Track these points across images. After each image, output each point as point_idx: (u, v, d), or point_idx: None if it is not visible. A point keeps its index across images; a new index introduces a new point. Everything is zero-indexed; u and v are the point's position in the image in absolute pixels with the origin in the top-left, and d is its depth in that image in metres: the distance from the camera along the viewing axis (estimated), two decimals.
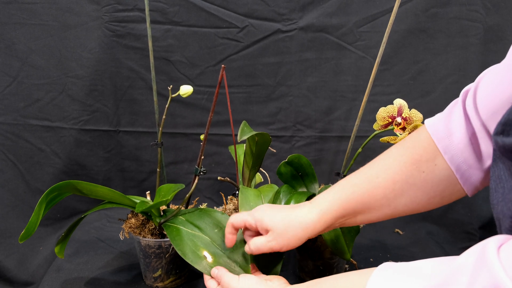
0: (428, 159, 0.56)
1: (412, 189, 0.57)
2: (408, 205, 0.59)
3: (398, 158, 0.59)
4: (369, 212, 0.60)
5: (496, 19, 1.07)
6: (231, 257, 0.71)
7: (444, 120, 0.56)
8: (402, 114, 0.77)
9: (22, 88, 1.09)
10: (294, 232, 0.60)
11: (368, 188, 0.59)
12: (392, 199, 0.58)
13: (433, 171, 0.56)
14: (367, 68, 1.13)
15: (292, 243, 0.61)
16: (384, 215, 0.60)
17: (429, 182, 0.56)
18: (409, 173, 0.57)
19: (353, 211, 0.60)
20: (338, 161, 1.20)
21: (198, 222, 0.78)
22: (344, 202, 0.60)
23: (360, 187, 0.60)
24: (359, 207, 0.60)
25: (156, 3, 1.08)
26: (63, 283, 0.88)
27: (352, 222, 0.62)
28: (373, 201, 0.59)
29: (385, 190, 0.58)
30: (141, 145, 1.19)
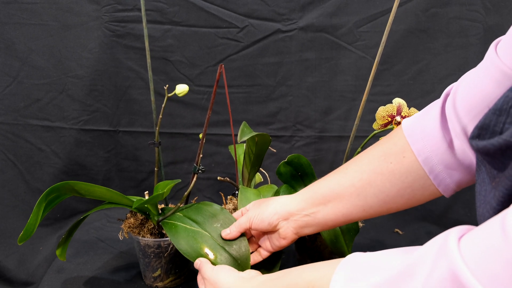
0: (397, 152, 0.58)
1: (379, 179, 0.58)
2: (378, 195, 0.59)
3: (369, 152, 0.61)
4: (339, 201, 0.62)
5: (496, 19, 1.07)
6: (231, 253, 0.71)
7: (420, 122, 0.57)
8: (401, 113, 0.77)
9: (22, 88, 1.09)
10: (266, 206, 0.68)
11: (336, 177, 0.63)
12: (360, 188, 0.60)
13: (401, 162, 0.57)
14: (366, 68, 1.13)
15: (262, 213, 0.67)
16: (355, 207, 0.61)
17: (397, 173, 0.57)
18: (376, 163, 0.59)
19: (322, 197, 0.63)
20: (337, 161, 1.20)
21: (196, 217, 0.77)
22: (315, 187, 0.65)
23: (330, 176, 0.64)
24: (327, 194, 0.62)
25: (156, 3, 1.09)
26: (63, 283, 0.89)
27: (324, 213, 0.63)
28: (341, 189, 0.61)
29: (352, 179, 0.60)
30: (141, 145, 1.19)
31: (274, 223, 0.66)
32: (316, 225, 0.65)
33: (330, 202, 0.62)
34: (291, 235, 0.67)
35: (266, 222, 0.66)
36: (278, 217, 0.66)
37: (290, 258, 1.01)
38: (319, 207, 0.63)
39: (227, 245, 0.71)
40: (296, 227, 0.66)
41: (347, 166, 0.63)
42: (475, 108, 0.50)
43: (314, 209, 0.64)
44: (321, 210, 0.63)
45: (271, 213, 0.66)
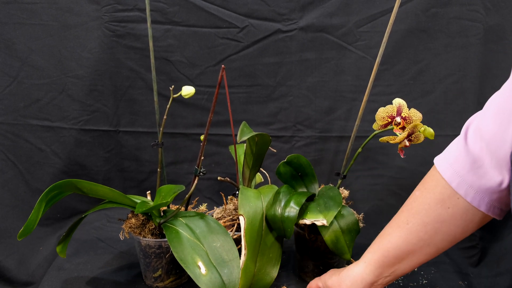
0: (450, 195, 0.59)
1: (444, 226, 0.61)
2: (446, 239, 0.62)
3: (423, 200, 0.63)
4: (413, 256, 0.64)
5: (496, 19, 1.07)
6: (222, 276, 0.71)
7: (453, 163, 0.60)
8: (401, 114, 0.77)
9: (22, 88, 1.09)
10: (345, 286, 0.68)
11: (401, 235, 0.64)
12: (428, 240, 0.62)
13: (458, 204, 0.59)
14: (367, 68, 1.13)
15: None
16: (429, 255, 0.64)
17: (458, 215, 0.60)
18: (436, 213, 0.61)
19: (395, 258, 0.65)
20: (338, 161, 1.20)
21: (198, 229, 0.78)
22: (384, 251, 0.66)
23: (393, 235, 0.65)
24: (399, 254, 0.64)
25: (156, 3, 1.08)
26: (63, 283, 0.89)
27: (402, 269, 0.66)
28: (410, 246, 0.63)
29: (418, 234, 0.62)
30: (141, 145, 1.19)
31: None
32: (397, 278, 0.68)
33: (404, 260, 0.65)
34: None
35: None
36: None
37: (291, 259, 1.01)
38: (395, 266, 0.66)
39: (220, 267, 0.73)
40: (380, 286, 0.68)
41: (407, 219, 0.64)
42: None
43: (393, 269, 0.66)
44: (398, 268, 0.66)
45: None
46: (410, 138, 0.77)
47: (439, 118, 1.14)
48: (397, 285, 0.91)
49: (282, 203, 0.81)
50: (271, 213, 0.80)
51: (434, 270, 0.97)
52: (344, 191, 0.95)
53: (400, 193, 1.19)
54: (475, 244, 1.03)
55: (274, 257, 0.81)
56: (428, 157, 1.16)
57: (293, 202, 0.79)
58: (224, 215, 0.94)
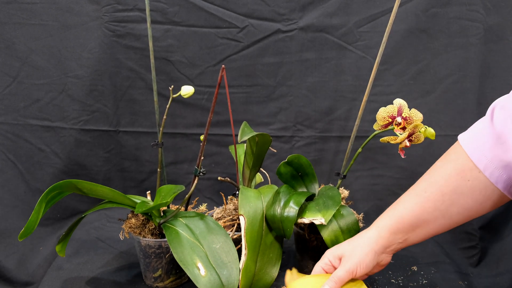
0: (471, 168, 0.60)
1: (461, 198, 0.61)
2: (462, 212, 0.62)
3: (443, 171, 0.63)
4: (426, 225, 0.64)
5: (496, 19, 1.07)
6: (221, 278, 0.71)
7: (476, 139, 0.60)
8: (402, 114, 0.77)
9: (22, 88, 1.09)
10: (360, 249, 0.67)
11: (418, 202, 0.65)
12: (444, 210, 0.63)
13: (477, 178, 0.60)
14: (367, 68, 1.13)
15: (363, 260, 0.66)
16: (442, 226, 0.64)
17: (476, 189, 0.60)
18: (455, 184, 0.61)
19: (409, 225, 0.65)
20: (338, 161, 1.20)
21: (198, 230, 0.78)
22: (399, 218, 0.66)
23: (410, 202, 0.66)
24: (414, 221, 0.65)
25: (156, 3, 1.08)
26: (63, 283, 0.88)
27: (414, 237, 0.66)
28: (425, 214, 0.64)
29: (435, 203, 0.63)
30: (141, 145, 1.19)
31: (376, 261, 0.68)
32: (408, 245, 0.68)
33: (418, 228, 0.65)
34: (389, 259, 0.70)
35: (371, 266, 0.67)
36: (378, 256, 0.67)
37: (291, 259, 1.01)
38: (408, 234, 0.66)
39: (219, 269, 0.73)
40: (391, 254, 0.69)
41: (425, 188, 0.65)
42: None
43: (405, 236, 0.66)
44: (411, 236, 0.66)
45: (372, 256, 0.67)
46: (411, 139, 0.77)
47: (439, 118, 1.14)
48: (397, 285, 0.91)
49: (281, 203, 0.81)
50: (271, 213, 0.80)
51: (434, 270, 0.97)
52: (344, 191, 0.95)
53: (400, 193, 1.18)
54: (475, 244, 1.03)
55: (274, 257, 0.81)
56: (428, 157, 1.17)
57: (292, 202, 0.79)
58: (224, 215, 0.94)
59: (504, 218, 0.97)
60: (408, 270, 0.97)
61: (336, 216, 0.82)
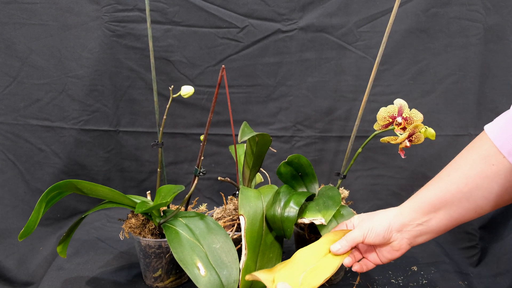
0: (495, 153, 0.60)
1: (485, 181, 0.61)
2: (487, 196, 0.62)
3: (466, 156, 0.64)
4: (449, 207, 0.63)
5: (496, 19, 1.07)
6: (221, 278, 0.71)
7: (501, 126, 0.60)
8: (402, 114, 0.77)
9: (22, 88, 1.09)
10: (377, 218, 0.68)
11: (441, 184, 0.64)
12: (468, 193, 0.62)
13: (502, 163, 0.60)
14: (367, 68, 1.13)
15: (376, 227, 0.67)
16: (467, 211, 0.63)
17: (501, 174, 0.60)
18: (479, 168, 0.61)
19: (430, 205, 0.64)
20: (338, 161, 1.20)
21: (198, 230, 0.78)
22: (421, 198, 0.66)
23: (433, 185, 0.66)
24: (435, 202, 0.64)
25: (156, 3, 1.08)
26: (63, 283, 0.89)
27: (438, 220, 0.65)
28: (448, 195, 0.63)
29: (458, 185, 0.63)
30: (141, 145, 1.19)
31: (388, 235, 0.67)
32: (430, 232, 0.66)
33: (440, 210, 0.64)
34: (405, 246, 0.68)
35: (381, 236, 0.66)
36: (391, 230, 0.66)
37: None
38: (430, 215, 0.65)
39: (219, 268, 0.73)
40: (410, 237, 0.67)
41: (448, 172, 0.65)
42: None
43: (426, 217, 0.65)
44: (433, 217, 0.65)
45: (385, 226, 0.66)
46: (411, 139, 0.77)
47: (439, 118, 1.14)
48: (397, 285, 0.91)
49: (281, 203, 0.81)
50: (271, 213, 0.80)
51: (434, 270, 0.97)
52: (344, 191, 0.95)
53: (400, 193, 1.19)
54: (475, 244, 1.03)
55: (274, 257, 0.81)
56: (428, 157, 1.17)
57: (292, 202, 0.79)
58: (224, 215, 0.94)
59: (504, 218, 0.97)
60: (408, 270, 0.97)
61: (336, 216, 0.82)
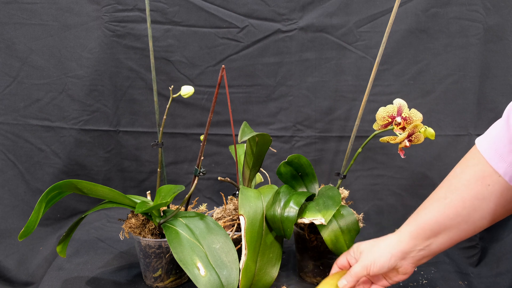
0: (490, 173, 0.59)
1: (483, 203, 0.61)
2: (485, 217, 0.62)
3: (462, 176, 0.63)
4: (449, 231, 0.64)
5: (496, 19, 1.07)
6: (221, 278, 0.71)
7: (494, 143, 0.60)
8: (402, 114, 0.77)
9: (22, 88, 1.09)
10: (378, 249, 0.68)
11: (439, 209, 0.64)
12: (467, 216, 0.62)
13: (498, 183, 0.59)
14: (367, 68, 1.13)
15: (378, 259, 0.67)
16: (466, 232, 0.64)
17: (498, 193, 0.60)
18: (475, 189, 0.61)
19: (430, 231, 0.65)
20: (338, 161, 1.20)
21: (198, 230, 0.78)
22: (420, 223, 0.66)
23: (430, 209, 0.66)
24: (435, 227, 0.65)
25: (156, 3, 1.08)
26: (63, 283, 0.89)
27: (438, 244, 0.66)
28: (447, 220, 0.63)
29: (456, 209, 0.63)
30: (141, 145, 1.19)
31: (393, 265, 0.67)
32: (432, 254, 0.67)
33: (440, 234, 0.65)
34: (411, 270, 0.69)
35: (385, 267, 0.67)
36: (395, 259, 0.67)
37: (291, 258, 1.01)
38: (430, 239, 0.66)
39: (219, 269, 0.73)
40: (414, 262, 0.68)
41: (444, 194, 0.64)
42: None
43: (427, 242, 0.66)
44: (434, 242, 0.66)
45: (387, 257, 0.67)
46: (411, 139, 0.77)
47: (439, 118, 1.14)
48: (397, 285, 0.91)
49: (281, 203, 0.81)
50: (271, 213, 0.80)
51: (434, 270, 0.97)
52: (344, 191, 0.95)
53: (400, 193, 1.19)
54: (475, 244, 1.03)
55: (274, 257, 0.81)
56: (428, 157, 1.17)
57: (292, 202, 0.79)
58: (224, 215, 0.94)
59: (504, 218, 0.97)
60: None
61: (336, 216, 0.82)
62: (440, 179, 1.21)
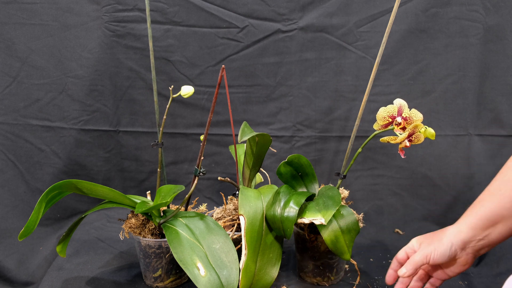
0: None
1: None
2: None
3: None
4: (506, 220, 0.66)
5: (496, 19, 1.08)
6: (220, 278, 0.71)
7: None
8: (402, 114, 0.77)
9: (22, 88, 1.09)
10: (438, 238, 0.70)
11: (494, 200, 0.67)
12: None
13: None
14: (367, 68, 1.13)
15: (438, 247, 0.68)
16: None
17: None
18: None
19: (488, 221, 0.67)
20: (338, 161, 1.20)
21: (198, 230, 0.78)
22: (477, 215, 0.68)
23: (486, 200, 0.69)
24: (492, 217, 0.67)
25: (156, 3, 1.08)
26: (63, 283, 0.88)
27: (497, 234, 0.68)
28: (504, 210, 0.66)
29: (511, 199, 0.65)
30: (141, 145, 1.19)
31: (453, 254, 0.69)
32: (492, 244, 0.69)
33: (498, 224, 0.67)
34: (471, 259, 0.70)
35: (446, 256, 0.68)
36: (455, 249, 0.68)
37: (291, 258, 1.01)
38: (489, 229, 0.68)
39: (219, 269, 0.73)
40: (474, 252, 0.69)
41: (499, 186, 0.67)
42: None
43: (486, 232, 0.68)
44: (492, 231, 0.68)
45: (448, 246, 0.68)
46: (411, 139, 0.77)
47: (439, 118, 1.14)
48: None
49: (281, 203, 0.81)
50: (271, 213, 0.80)
51: None
52: (344, 191, 0.95)
53: (400, 193, 1.19)
54: None
55: (274, 257, 0.81)
56: (428, 157, 1.17)
57: (292, 202, 0.79)
58: (224, 215, 0.94)
59: None
60: None
61: (336, 216, 0.82)
62: (440, 179, 1.22)
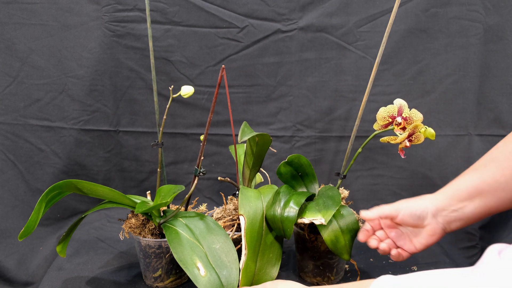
0: None
1: None
2: None
3: (503, 148, 0.65)
4: (485, 196, 0.65)
5: (496, 19, 1.08)
6: (220, 278, 0.71)
7: None
8: (402, 114, 0.77)
9: (22, 88, 1.09)
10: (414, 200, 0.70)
11: (476, 174, 0.66)
12: (504, 183, 0.63)
13: None
14: (367, 68, 1.13)
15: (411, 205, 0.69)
16: (503, 200, 0.65)
17: None
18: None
19: (466, 193, 0.66)
20: (338, 161, 1.20)
21: (198, 230, 0.78)
22: (456, 186, 0.68)
23: (469, 174, 0.68)
24: (471, 190, 0.66)
25: (156, 3, 1.08)
26: (63, 283, 0.88)
27: (472, 208, 0.66)
28: (485, 185, 0.65)
29: (494, 175, 0.64)
30: (141, 145, 1.19)
31: (424, 216, 0.68)
32: (464, 219, 0.68)
33: (476, 198, 0.66)
34: (440, 231, 0.69)
35: (416, 215, 0.68)
36: (427, 212, 0.68)
37: (291, 258, 1.01)
38: (465, 202, 0.66)
39: (219, 269, 0.73)
40: (444, 222, 0.68)
41: (484, 163, 0.66)
42: None
43: (461, 204, 0.67)
44: (468, 205, 0.66)
45: (421, 208, 0.68)
46: (411, 139, 0.77)
47: (439, 118, 1.14)
48: None
49: (281, 203, 0.81)
50: (271, 213, 0.80)
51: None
52: (344, 191, 0.95)
53: (400, 193, 1.19)
54: (475, 244, 1.03)
55: (274, 257, 0.81)
56: (428, 157, 1.17)
57: (292, 202, 0.79)
58: (224, 215, 0.94)
59: (504, 218, 0.97)
60: (408, 270, 0.97)
61: (336, 216, 0.82)
62: (440, 179, 1.22)
